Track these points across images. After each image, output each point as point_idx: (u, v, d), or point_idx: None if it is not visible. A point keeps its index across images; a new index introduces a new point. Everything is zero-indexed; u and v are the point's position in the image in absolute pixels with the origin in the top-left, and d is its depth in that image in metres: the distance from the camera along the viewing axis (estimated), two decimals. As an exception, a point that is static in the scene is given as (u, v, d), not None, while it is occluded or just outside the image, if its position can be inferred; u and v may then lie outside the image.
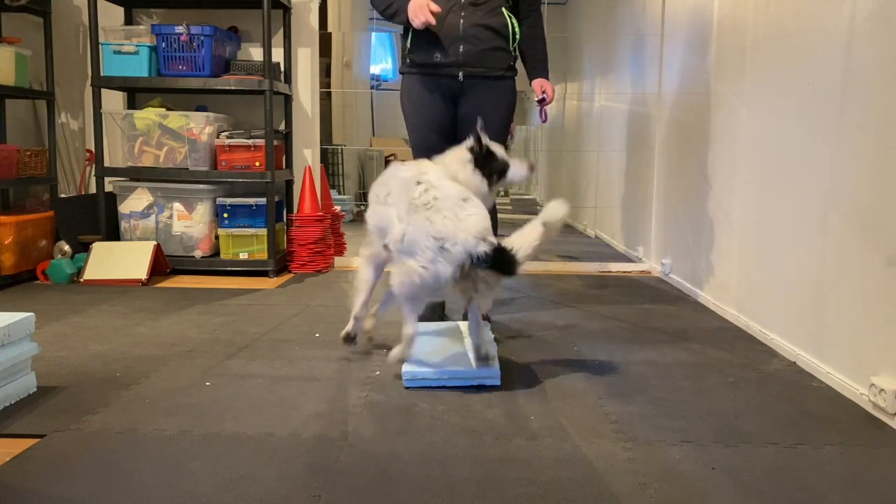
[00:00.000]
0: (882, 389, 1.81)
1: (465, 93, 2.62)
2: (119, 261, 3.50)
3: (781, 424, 1.80)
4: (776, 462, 1.59)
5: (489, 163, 2.18)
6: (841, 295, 2.07)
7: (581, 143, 6.62)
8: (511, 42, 2.61)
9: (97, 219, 3.72)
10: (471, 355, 2.12)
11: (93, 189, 3.98)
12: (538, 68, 2.72)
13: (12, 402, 1.86)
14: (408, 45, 2.65)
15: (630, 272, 4.01)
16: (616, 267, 4.09)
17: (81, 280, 3.44)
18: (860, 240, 1.98)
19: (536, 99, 2.72)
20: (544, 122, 2.82)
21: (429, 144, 2.65)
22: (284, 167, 3.99)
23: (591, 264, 4.13)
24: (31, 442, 1.63)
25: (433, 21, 2.44)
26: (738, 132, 2.83)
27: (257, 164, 3.64)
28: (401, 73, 2.72)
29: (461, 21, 2.53)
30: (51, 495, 1.39)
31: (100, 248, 3.56)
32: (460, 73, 2.58)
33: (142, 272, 3.44)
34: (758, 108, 2.66)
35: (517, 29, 2.63)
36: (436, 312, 2.79)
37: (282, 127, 4.01)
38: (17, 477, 1.47)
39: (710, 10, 3.17)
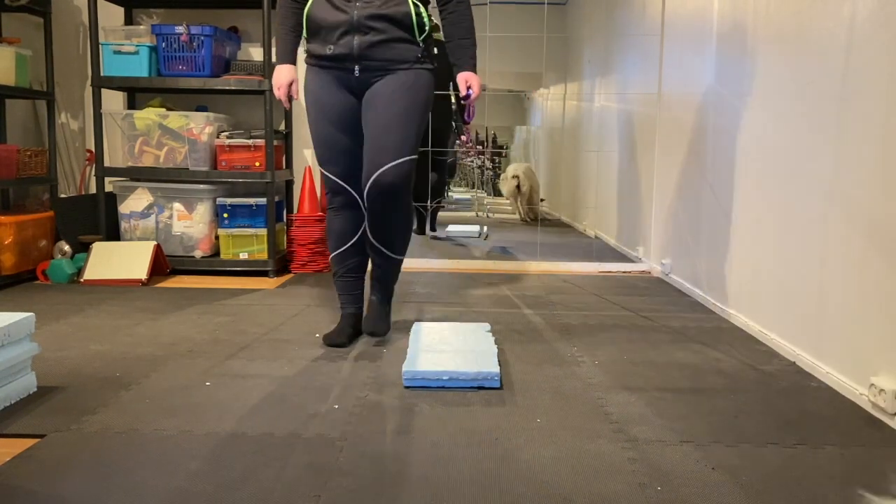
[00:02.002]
0: (882, 389, 1.81)
1: (363, 87, 2.36)
2: (119, 261, 3.50)
3: (781, 424, 1.80)
4: (776, 462, 1.59)
5: None
6: (841, 295, 2.07)
7: (581, 143, 6.62)
8: (417, 33, 2.33)
9: (97, 219, 3.72)
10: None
11: (93, 189, 3.98)
12: (461, 61, 2.45)
13: (12, 402, 1.86)
14: (304, 34, 2.40)
15: (630, 272, 4.01)
16: (616, 267, 4.09)
17: (81, 280, 3.45)
18: (860, 240, 1.98)
19: (461, 95, 2.46)
20: (469, 120, 2.57)
21: (333, 141, 2.40)
22: (284, 167, 3.99)
23: (591, 264, 4.13)
24: (31, 442, 1.63)
25: (287, 105, 2.48)
26: (737, 132, 2.83)
27: (257, 164, 3.64)
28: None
29: (355, 11, 2.27)
30: (51, 495, 1.39)
31: (100, 248, 3.57)
32: (356, 68, 2.32)
33: (142, 272, 3.45)
34: (757, 108, 2.66)
35: (426, 18, 2.35)
36: (350, 325, 2.54)
37: (282, 127, 4.01)
38: (17, 477, 1.47)
39: (710, 10, 3.17)
